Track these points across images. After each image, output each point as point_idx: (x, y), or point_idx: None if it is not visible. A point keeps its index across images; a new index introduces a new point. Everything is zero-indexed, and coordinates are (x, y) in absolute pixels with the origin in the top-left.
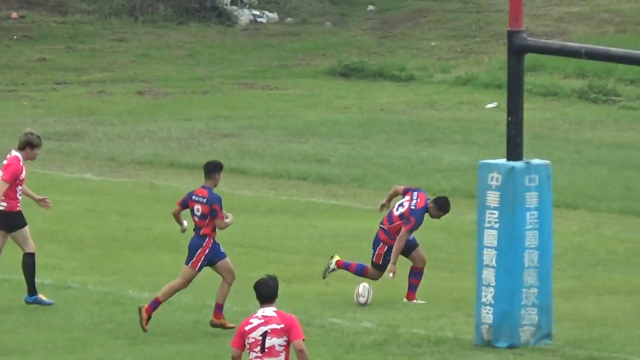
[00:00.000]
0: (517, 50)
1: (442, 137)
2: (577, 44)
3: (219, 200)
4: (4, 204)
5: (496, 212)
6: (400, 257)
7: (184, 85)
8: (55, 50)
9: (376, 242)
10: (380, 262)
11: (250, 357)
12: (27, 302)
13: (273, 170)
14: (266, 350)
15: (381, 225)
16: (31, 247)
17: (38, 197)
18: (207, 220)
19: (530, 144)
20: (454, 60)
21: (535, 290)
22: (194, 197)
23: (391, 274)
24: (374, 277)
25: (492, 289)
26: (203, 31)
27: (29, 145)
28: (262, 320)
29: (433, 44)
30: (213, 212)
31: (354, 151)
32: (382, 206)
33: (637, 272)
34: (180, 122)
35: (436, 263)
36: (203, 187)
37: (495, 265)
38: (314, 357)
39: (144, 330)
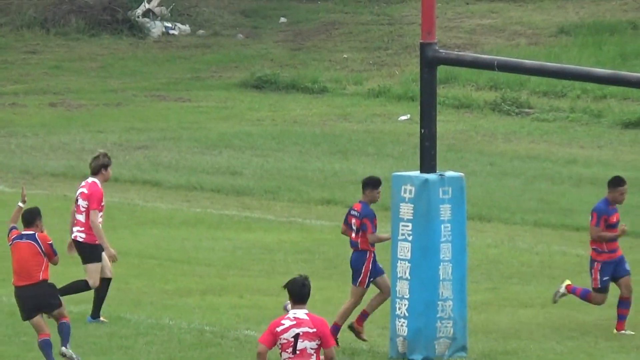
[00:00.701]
0: (429, 63)
1: (356, 149)
2: (489, 56)
3: (370, 215)
4: (83, 234)
5: (410, 224)
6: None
7: (96, 98)
8: None
9: (591, 265)
10: (599, 285)
11: (282, 358)
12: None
13: (186, 182)
14: (298, 352)
15: (591, 246)
16: (94, 282)
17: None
18: (361, 235)
19: (444, 156)
20: (366, 73)
21: (450, 302)
22: (351, 211)
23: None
24: (598, 302)
25: (406, 302)
26: (115, 43)
27: (103, 167)
28: (294, 322)
29: (345, 56)
30: (363, 226)
31: (267, 163)
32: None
33: (551, 284)
34: (93, 134)
35: (350, 276)
36: (360, 201)
37: (409, 277)
38: None
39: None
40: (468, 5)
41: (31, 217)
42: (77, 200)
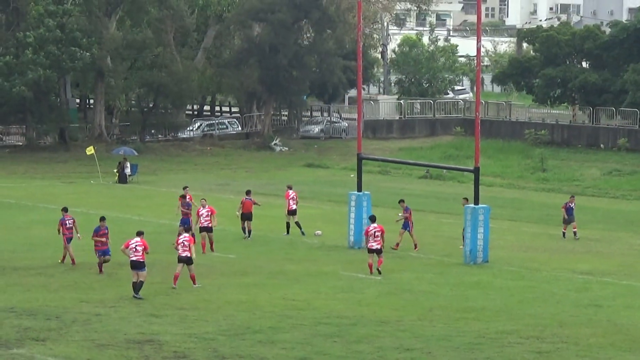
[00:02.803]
0: (359, 160)
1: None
2: (385, 157)
3: None
4: None
5: (354, 202)
6: None
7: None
8: None
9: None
10: None
11: (369, 241)
12: None
13: None
14: (375, 237)
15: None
16: None
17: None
18: None
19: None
20: (343, 163)
21: None
22: None
23: None
24: None
25: None
26: (257, 154)
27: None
28: (375, 227)
29: (335, 157)
30: None
31: None
32: None
33: None
34: None
35: None
36: None
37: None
38: None
39: None
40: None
41: (248, 191)
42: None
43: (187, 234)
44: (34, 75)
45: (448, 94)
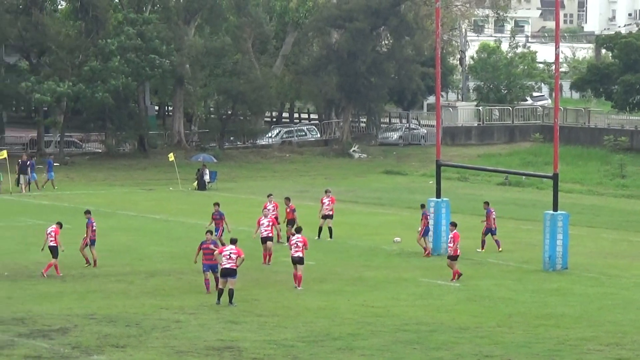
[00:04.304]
0: (438, 166)
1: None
2: (461, 164)
3: None
4: None
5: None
6: None
7: None
8: None
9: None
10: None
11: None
12: None
13: None
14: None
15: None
16: None
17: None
18: None
19: (448, 193)
20: (422, 169)
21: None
22: None
23: None
24: None
25: None
26: (336, 160)
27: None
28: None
29: (413, 164)
30: None
31: None
32: None
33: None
34: None
35: None
36: None
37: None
38: None
39: None
40: (454, 147)
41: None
42: None
43: (299, 235)
44: (116, 82)
45: (527, 100)
